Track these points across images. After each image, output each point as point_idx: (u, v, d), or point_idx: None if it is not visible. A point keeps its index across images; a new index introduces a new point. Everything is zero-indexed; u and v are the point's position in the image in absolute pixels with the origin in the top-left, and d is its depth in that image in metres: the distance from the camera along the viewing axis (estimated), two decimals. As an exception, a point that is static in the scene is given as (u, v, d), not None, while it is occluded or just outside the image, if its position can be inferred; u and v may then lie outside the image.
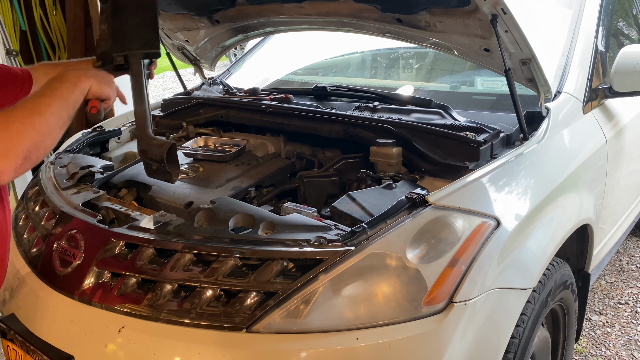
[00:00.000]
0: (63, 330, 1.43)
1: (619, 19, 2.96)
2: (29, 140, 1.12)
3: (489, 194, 1.58)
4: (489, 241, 1.42)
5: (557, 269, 1.73)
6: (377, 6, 1.92)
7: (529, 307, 1.55)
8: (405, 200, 1.45)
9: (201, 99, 2.45)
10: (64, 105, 1.22)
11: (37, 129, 1.14)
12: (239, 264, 1.37)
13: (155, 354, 1.29)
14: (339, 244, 1.33)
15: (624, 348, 2.66)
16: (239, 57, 3.37)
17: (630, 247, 3.66)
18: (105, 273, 1.47)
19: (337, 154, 2.01)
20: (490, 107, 2.23)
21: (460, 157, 1.70)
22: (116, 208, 1.68)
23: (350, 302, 1.29)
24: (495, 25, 1.68)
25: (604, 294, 3.14)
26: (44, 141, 1.16)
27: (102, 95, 1.36)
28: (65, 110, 1.22)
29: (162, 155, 1.48)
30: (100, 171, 1.92)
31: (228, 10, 2.30)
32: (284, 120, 2.13)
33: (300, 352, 1.24)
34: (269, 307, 1.28)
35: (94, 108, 1.35)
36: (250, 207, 1.58)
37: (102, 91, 1.35)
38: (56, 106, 1.20)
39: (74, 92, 1.26)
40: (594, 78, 2.25)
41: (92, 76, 1.33)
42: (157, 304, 1.36)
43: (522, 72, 1.84)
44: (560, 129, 1.97)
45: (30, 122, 1.13)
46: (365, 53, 3.12)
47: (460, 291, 1.32)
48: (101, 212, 1.67)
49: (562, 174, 1.85)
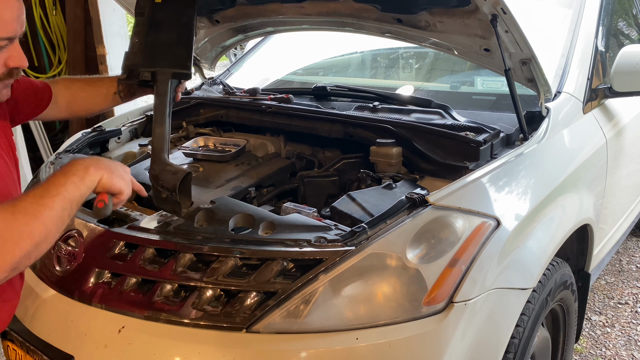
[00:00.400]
0: (63, 330, 1.43)
1: (619, 19, 2.96)
2: (22, 251, 1.04)
3: (489, 194, 1.58)
4: (489, 241, 1.42)
5: (557, 269, 1.73)
6: (377, 6, 1.92)
7: (529, 307, 1.55)
8: (405, 200, 1.45)
9: (201, 99, 2.44)
10: (67, 205, 1.12)
11: (33, 239, 1.05)
12: (239, 264, 1.37)
13: (155, 354, 1.29)
14: (339, 244, 1.33)
15: (624, 348, 2.66)
16: (239, 57, 3.37)
17: (630, 247, 3.66)
18: (105, 273, 1.47)
19: (337, 154, 2.01)
20: (490, 107, 2.23)
21: (460, 157, 1.70)
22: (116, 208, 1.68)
23: (350, 302, 1.29)
24: (495, 25, 1.67)
25: (604, 294, 3.14)
26: (38, 249, 1.08)
27: (112, 189, 1.24)
28: (68, 210, 1.13)
29: (175, 184, 1.42)
30: None
31: (228, 10, 2.30)
32: (284, 120, 2.13)
33: (300, 352, 1.24)
34: (269, 307, 1.28)
35: (100, 202, 1.24)
36: (250, 207, 1.57)
37: (113, 184, 1.23)
38: (59, 208, 1.10)
39: (80, 187, 1.16)
40: (594, 78, 2.25)
41: (103, 167, 1.22)
42: (157, 304, 1.36)
43: (522, 72, 1.84)
44: (560, 129, 1.97)
45: (29, 230, 1.05)
46: (365, 53, 3.12)
47: (460, 291, 1.32)
48: (101, 212, 1.67)
49: (562, 174, 1.85)
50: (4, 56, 1.21)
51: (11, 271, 1.04)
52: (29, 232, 1.04)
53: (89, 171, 1.19)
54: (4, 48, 1.20)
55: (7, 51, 1.21)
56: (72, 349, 1.39)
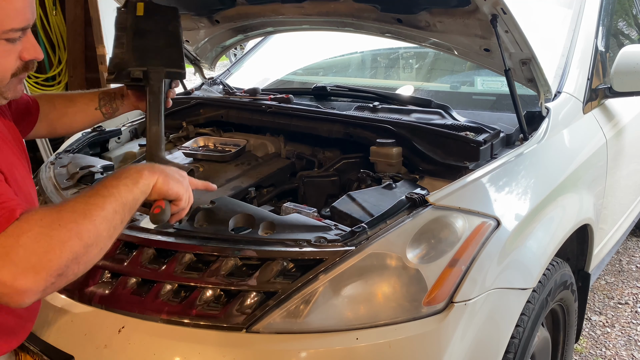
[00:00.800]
0: (63, 330, 1.43)
1: (619, 19, 2.96)
2: (70, 253, 0.92)
3: (489, 194, 1.58)
4: (489, 241, 1.42)
5: (557, 269, 1.73)
6: (377, 6, 1.92)
7: (529, 307, 1.54)
8: (405, 200, 1.45)
9: (201, 99, 2.45)
10: (119, 207, 1.03)
11: (82, 239, 0.94)
12: (239, 264, 1.37)
13: (155, 354, 1.29)
14: (339, 244, 1.33)
15: (624, 348, 2.66)
16: (239, 57, 3.37)
17: (630, 247, 3.66)
18: (105, 273, 1.47)
19: (337, 154, 2.01)
20: (490, 107, 2.23)
21: (460, 157, 1.70)
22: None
23: (350, 302, 1.29)
24: (495, 25, 1.67)
25: (604, 294, 3.13)
26: (88, 254, 0.97)
27: (168, 194, 1.15)
28: (120, 215, 1.03)
29: None
30: (100, 171, 1.92)
31: (228, 10, 2.30)
32: (284, 120, 2.13)
33: (300, 352, 1.24)
34: (269, 307, 1.28)
35: (157, 208, 1.16)
36: (250, 207, 1.57)
37: (169, 189, 1.15)
38: (110, 209, 1.01)
39: (133, 190, 1.07)
40: (594, 78, 2.25)
41: (157, 171, 1.13)
42: (157, 304, 1.36)
43: (522, 72, 1.84)
44: (560, 129, 1.97)
45: (77, 229, 0.94)
46: (365, 53, 3.12)
47: (460, 291, 1.32)
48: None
49: (562, 174, 1.85)
50: (18, 49, 1.10)
51: (57, 277, 0.91)
52: (76, 231, 0.94)
53: (143, 174, 1.10)
54: (18, 40, 1.09)
55: (21, 43, 1.10)
56: (72, 349, 1.39)
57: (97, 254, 1.01)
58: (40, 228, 0.92)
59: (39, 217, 0.94)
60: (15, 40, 1.08)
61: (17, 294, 0.88)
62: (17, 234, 0.90)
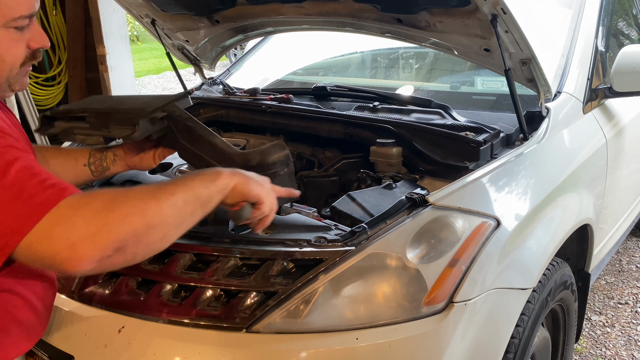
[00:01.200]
0: (63, 330, 1.43)
1: (619, 19, 2.96)
2: (130, 228, 0.92)
3: (489, 194, 1.58)
4: (489, 241, 1.42)
5: (557, 269, 1.73)
6: (377, 6, 1.92)
7: (529, 307, 1.55)
8: (405, 200, 1.45)
9: (201, 99, 2.44)
10: (190, 198, 1.01)
11: (145, 217, 0.93)
12: (239, 264, 1.37)
13: (155, 354, 1.29)
14: (339, 244, 1.33)
15: (624, 348, 2.66)
16: (239, 57, 3.37)
17: (630, 247, 3.66)
18: (105, 273, 1.47)
19: (337, 154, 2.01)
20: (490, 107, 2.23)
21: (460, 157, 1.70)
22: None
23: (350, 302, 1.29)
24: (495, 25, 1.67)
25: (604, 294, 3.14)
26: (149, 235, 0.95)
27: (249, 196, 1.14)
28: (191, 206, 1.02)
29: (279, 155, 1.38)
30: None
31: (228, 10, 2.30)
32: (284, 120, 2.13)
33: (300, 352, 1.24)
34: (269, 307, 1.28)
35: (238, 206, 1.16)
36: (250, 207, 1.57)
37: (250, 190, 1.13)
38: (181, 197, 0.99)
39: (209, 187, 1.06)
40: (594, 78, 2.25)
41: (238, 174, 1.12)
42: (157, 304, 1.36)
43: (522, 72, 1.84)
44: (560, 129, 1.97)
45: (141, 206, 0.94)
46: (365, 53, 3.12)
47: (460, 291, 1.32)
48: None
49: (562, 174, 1.85)
50: (26, 37, 1.08)
51: (115, 250, 0.91)
52: (140, 208, 0.93)
53: (222, 175, 1.10)
54: (25, 28, 1.07)
55: (29, 31, 1.08)
56: (72, 349, 1.39)
57: (160, 240, 0.99)
58: (103, 202, 0.92)
59: (102, 193, 0.96)
60: (24, 28, 1.07)
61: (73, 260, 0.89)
62: (77, 206, 0.91)
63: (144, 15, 2.44)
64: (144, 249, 0.97)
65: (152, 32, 2.57)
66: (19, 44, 1.09)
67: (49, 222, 0.89)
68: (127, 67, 4.67)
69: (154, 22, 2.47)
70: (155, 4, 2.32)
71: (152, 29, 2.53)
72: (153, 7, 2.34)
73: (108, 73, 4.48)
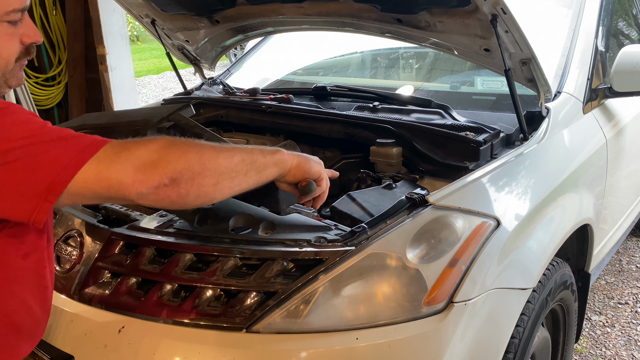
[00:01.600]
0: (63, 330, 1.43)
1: (619, 19, 2.96)
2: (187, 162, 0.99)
3: (489, 194, 1.58)
4: (489, 241, 1.42)
5: (557, 269, 1.73)
6: (377, 6, 1.92)
7: (529, 307, 1.55)
8: (405, 200, 1.45)
9: (201, 99, 2.45)
10: (247, 158, 1.08)
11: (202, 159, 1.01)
12: (239, 264, 1.37)
13: (155, 354, 1.29)
14: (339, 244, 1.33)
15: (624, 348, 2.66)
16: (239, 57, 3.37)
17: (630, 247, 3.66)
18: (105, 273, 1.47)
19: (337, 154, 2.01)
20: (490, 107, 2.23)
21: (460, 157, 1.70)
22: (116, 208, 1.68)
23: (350, 302, 1.29)
24: (495, 25, 1.67)
25: (604, 294, 3.13)
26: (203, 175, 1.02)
27: (311, 173, 1.23)
28: (246, 165, 1.08)
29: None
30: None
31: (228, 10, 2.30)
32: (284, 120, 2.13)
33: (300, 352, 1.24)
34: (269, 307, 1.28)
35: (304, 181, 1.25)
36: (250, 207, 1.57)
37: (311, 167, 1.23)
38: (238, 155, 1.07)
39: (267, 156, 1.14)
40: (594, 78, 2.25)
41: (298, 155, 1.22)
42: (157, 304, 1.36)
43: (522, 72, 1.84)
44: (560, 129, 1.97)
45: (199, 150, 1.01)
46: (365, 53, 3.12)
47: (460, 291, 1.33)
48: (101, 212, 1.67)
49: (562, 174, 1.85)
50: (19, 32, 1.08)
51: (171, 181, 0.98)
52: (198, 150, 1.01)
53: (281, 152, 1.17)
54: (19, 22, 1.07)
55: (22, 26, 1.09)
56: (72, 349, 1.39)
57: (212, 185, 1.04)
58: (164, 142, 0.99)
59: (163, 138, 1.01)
60: (17, 23, 1.08)
61: (134, 184, 0.95)
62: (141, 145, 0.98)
63: (144, 15, 2.44)
64: (197, 188, 1.02)
65: (152, 32, 2.57)
66: (13, 39, 1.09)
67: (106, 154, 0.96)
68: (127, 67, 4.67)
69: (154, 22, 2.47)
70: (155, 4, 2.32)
71: (152, 29, 2.53)
72: (153, 7, 2.34)
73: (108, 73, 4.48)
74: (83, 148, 0.97)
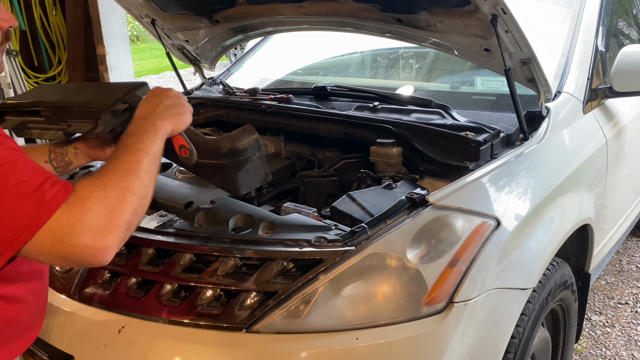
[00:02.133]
0: (63, 330, 1.43)
1: (619, 19, 2.96)
2: (131, 207, 1.00)
3: (489, 194, 1.58)
4: (489, 241, 1.42)
5: (557, 269, 1.73)
6: (377, 6, 1.92)
7: (529, 307, 1.55)
8: (405, 200, 1.45)
9: (201, 99, 2.45)
10: (152, 159, 1.11)
11: (135, 193, 1.02)
12: (239, 264, 1.37)
13: (155, 354, 1.29)
14: (339, 244, 1.33)
15: (624, 348, 2.66)
16: (239, 57, 3.37)
17: (630, 247, 3.66)
18: (105, 273, 1.47)
19: (337, 154, 2.01)
20: (490, 107, 2.23)
21: (460, 157, 1.70)
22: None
23: (350, 302, 1.29)
24: (495, 25, 1.67)
25: (604, 294, 3.13)
26: (142, 205, 1.05)
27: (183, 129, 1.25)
28: (154, 165, 1.11)
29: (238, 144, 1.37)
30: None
31: (228, 10, 2.30)
32: (284, 120, 2.13)
33: (300, 352, 1.24)
34: (269, 307, 1.28)
35: (184, 149, 1.25)
36: (250, 207, 1.57)
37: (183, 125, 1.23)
38: (146, 162, 1.08)
39: (156, 142, 1.15)
40: (594, 78, 2.25)
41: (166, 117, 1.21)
42: (157, 304, 1.36)
43: (522, 72, 1.84)
44: (561, 129, 1.97)
45: (127, 186, 1.02)
46: (365, 53, 3.12)
47: (460, 291, 1.32)
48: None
49: (562, 174, 1.85)
50: None
51: (126, 231, 1.00)
52: (128, 187, 1.02)
53: (157, 124, 1.18)
54: None
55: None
56: (72, 349, 1.39)
57: (147, 203, 1.08)
58: (98, 192, 0.98)
59: (91, 184, 1.00)
60: None
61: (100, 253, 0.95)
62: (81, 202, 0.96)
63: (144, 15, 2.44)
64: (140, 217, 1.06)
65: (152, 32, 2.57)
66: None
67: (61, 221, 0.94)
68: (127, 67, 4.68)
69: (154, 22, 2.47)
70: (155, 4, 2.32)
71: (152, 29, 2.53)
72: (153, 7, 2.34)
73: (108, 73, 4.48)
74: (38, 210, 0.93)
